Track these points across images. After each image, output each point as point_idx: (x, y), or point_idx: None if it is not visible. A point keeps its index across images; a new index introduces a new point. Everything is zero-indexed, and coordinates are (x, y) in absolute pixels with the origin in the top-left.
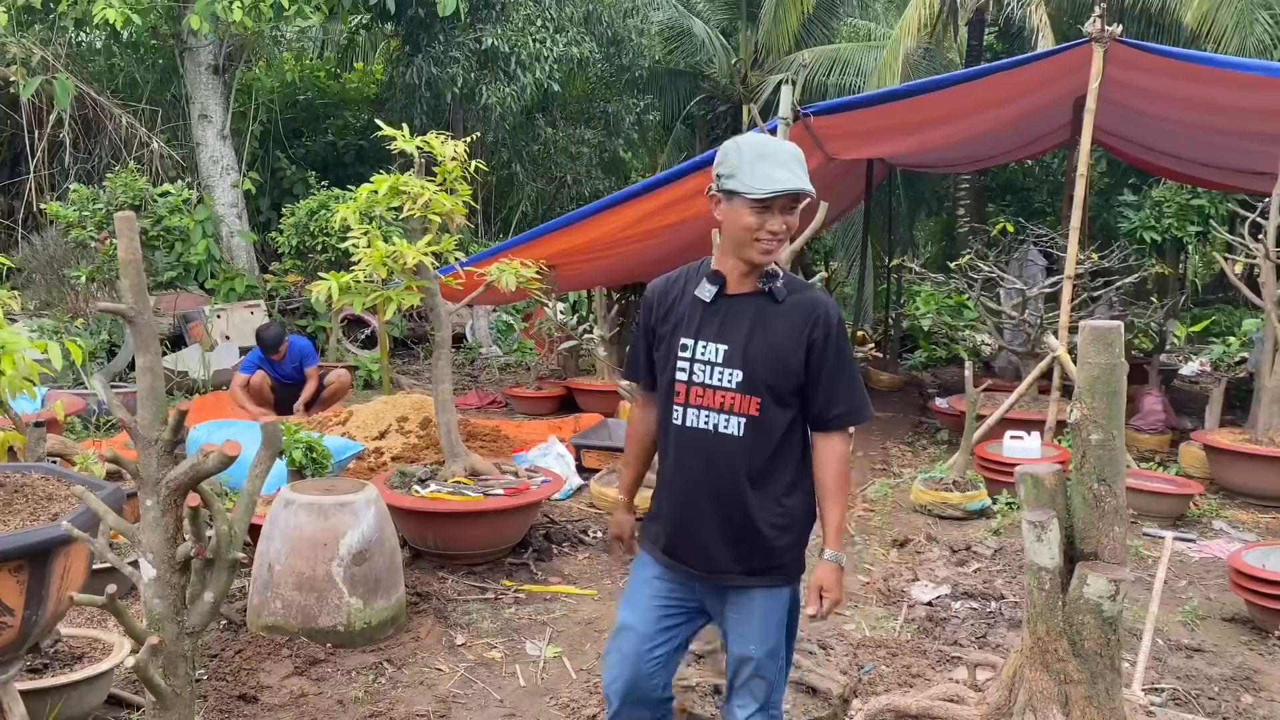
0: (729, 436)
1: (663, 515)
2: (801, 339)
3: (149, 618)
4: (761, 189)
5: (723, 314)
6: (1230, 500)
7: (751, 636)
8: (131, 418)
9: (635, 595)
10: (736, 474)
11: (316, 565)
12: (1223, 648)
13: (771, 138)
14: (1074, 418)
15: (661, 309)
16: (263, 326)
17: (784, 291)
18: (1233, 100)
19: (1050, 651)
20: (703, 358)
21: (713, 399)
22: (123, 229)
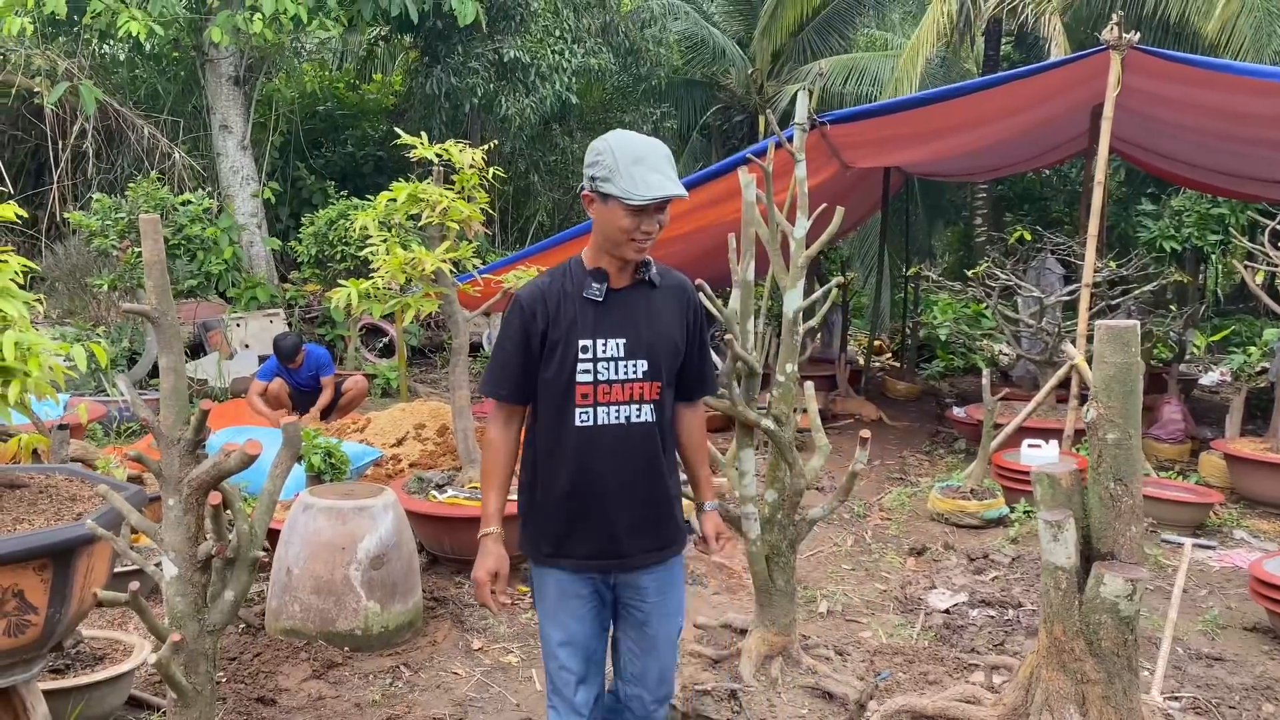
0: (641, 424)
1: (561, 523)
2: (682, 320)
3: (171, 616)
4: (639, 196)
5: (614, 309)
6: (1251, 510)
7: (677, 606)
8: (155, 418)
9: (564, 610)
10: (652, 457)
11: (334, 569)
12: (1243, 657)
13: (642, 138)
14: (1090, 417)
15: (547, 315)
16: (280, 335)
17: (658, 278)
18: (1252, 108)
19: (1067, 651)
20: (605, 354)
21: (622, 392)
22: (148, 231)
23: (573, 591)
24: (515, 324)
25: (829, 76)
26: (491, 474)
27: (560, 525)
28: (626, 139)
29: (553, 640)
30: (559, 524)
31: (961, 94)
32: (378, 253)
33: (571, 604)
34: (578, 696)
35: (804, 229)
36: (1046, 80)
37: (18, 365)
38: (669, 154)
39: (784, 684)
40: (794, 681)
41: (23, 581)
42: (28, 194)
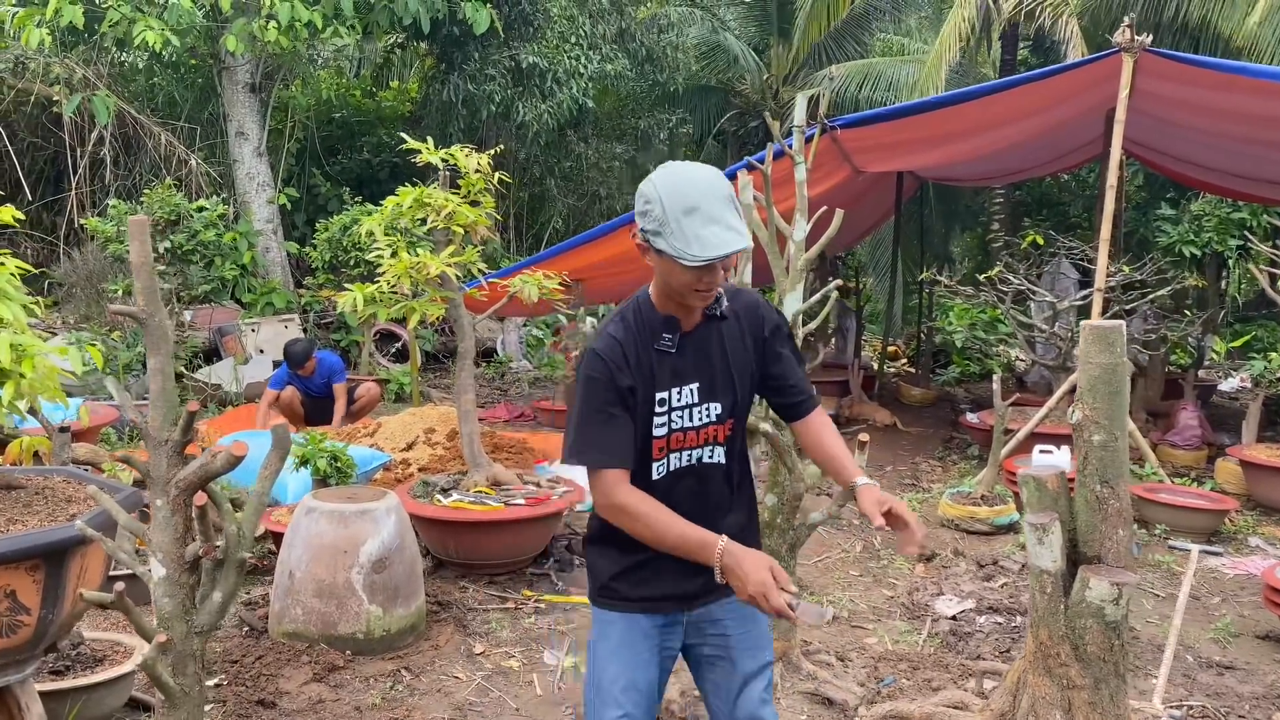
0: (713, 464)
1: (632, 569)
2: (757, 343)
3: (159, 616)
4: (693, 257)
5: (687, 354)
6: (1267, 517)
7: (763, 639)
8: (143, 418)
9: (628, 654)
10: (725, 493)
11: (337, 572)
12: (1255, 665)
13: (695, 175)
14: (1075, 419)
15: (632, 372)
16: (291, 342)
17: (729, 307)
18: (1268, 109)
19: (1053, 656)
20: (680, 404)
21: (696, 438)
22: (135, 233)
23: (640, 634)
24: (602, 381)
25: (844, 80)
26: (663, 519)
27: (631, 570)
28: (676, 183)
29: (615, 685)
30: (629, 569)
31: (973, 97)
32: (383, 257)
33: (638, 648)
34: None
35: (803, 232)
36: (1059, 83)
37: (13, 367)
38: (727, 190)
39: (783, 690)
40: (794, 687)
41: (15, 582)
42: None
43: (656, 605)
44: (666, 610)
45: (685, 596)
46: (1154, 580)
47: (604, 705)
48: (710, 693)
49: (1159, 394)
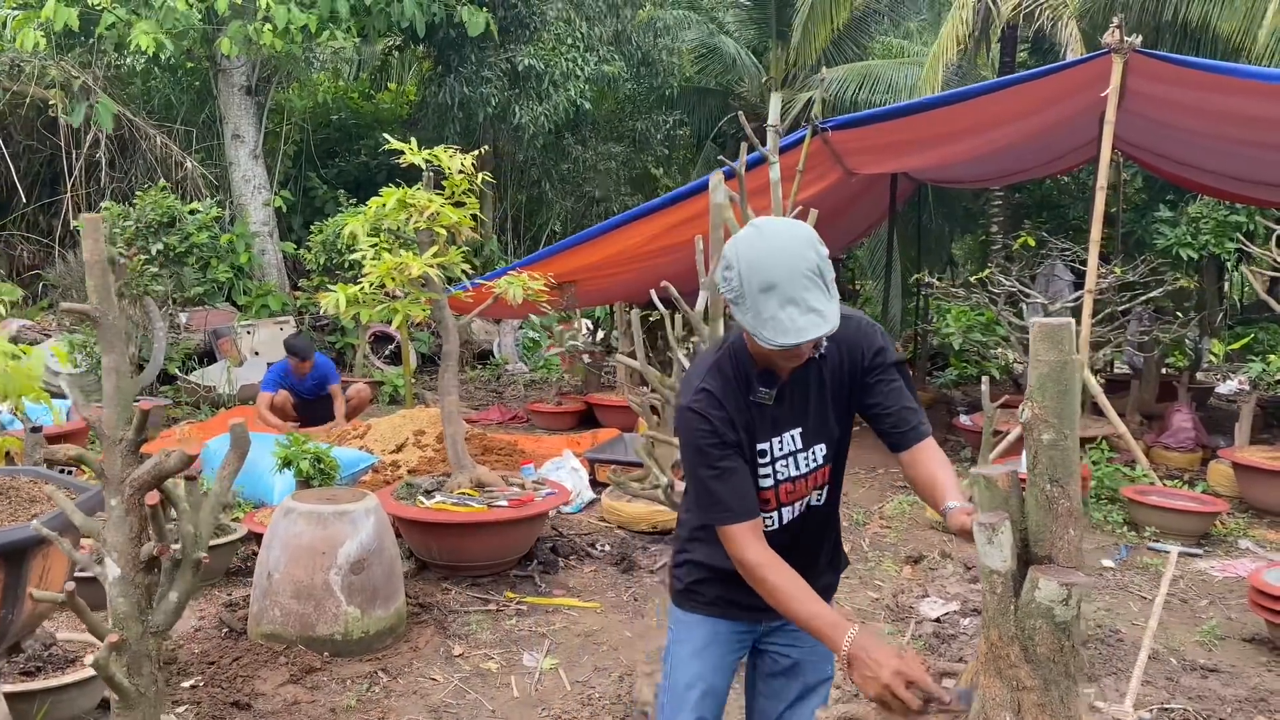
0: (818, 508)
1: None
2: (853, 371)
3: (113, 616)
4: (773, 341)
5: (786, 402)
6: (1259, 519)
7: (828, 654)
8: (97, 416)
9: (707, 659)
10: (824, 531)
11: (314, 574)
12: (1240, 669)
13: (777, 242)
14: (1025, 417)
15: (736, 425)
16: (293, 335)
17: (828, 343)
18: (1260, 110)
19: (1003, 658)
20: (782, 453)
21: (804, 487)
22: (88, 230)
23: (722, 640)
24: (709, 437)
25: (843, 83)
26: (793, 589)
27: (724, 582)
28: (758, 254)
29: (694, 691)
30: (724, 581)
31: (964, 99)
32: (366, 258)
33: (717, 652)
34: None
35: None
36: (1050, 84)
37: None
38: (814, 262)
39: None
40: None
41: None
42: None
43: (739, 612)
44: (747, 619)
45: (767, 608)
46: (1141, 583)
47: (678, 709)
48: (765, 695)
49: (1154, 396)
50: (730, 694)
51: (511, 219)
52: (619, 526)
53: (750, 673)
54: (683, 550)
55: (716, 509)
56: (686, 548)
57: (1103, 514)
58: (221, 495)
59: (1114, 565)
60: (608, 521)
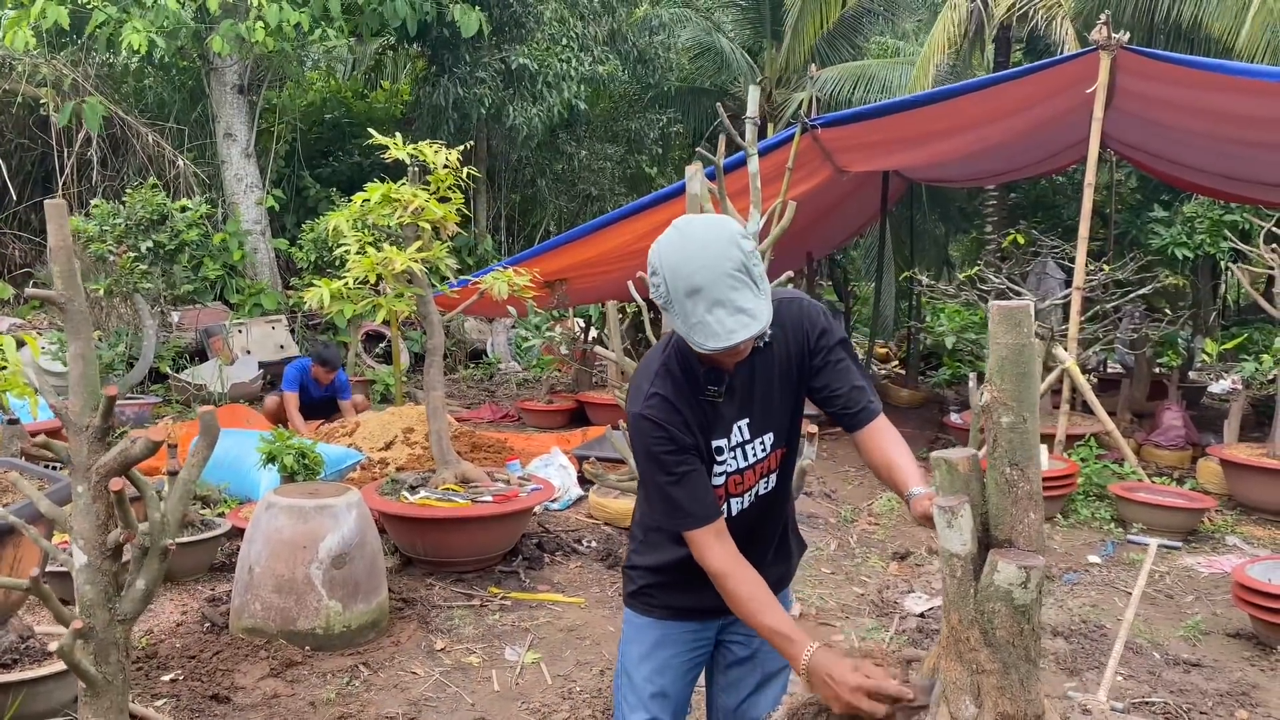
0: (767, 495)
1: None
2: (799, 354)
3: (80, 604)
4: (704, 346)
5: (733, 396)
6: (1246, 516)
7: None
8: (63, 404)
9: (659, 660)
10: (776, 519)
11: (296, 568)
12: (1223, 663)
13: (699, 242)
14: (984, 400)
15: (684, 423)
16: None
17: (773, 329)
18: (1250, 109)
19: (963, 641)
20: (735, 444)
21: (752, 476)
22: (52, 215)
23: (672, 641)
24: (665, 444)
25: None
26: (758, 596)
27: (674, 588)
28: (679, 257)
29: (644, 691)
30: (673, 586)
31: (953, 96)
32: (350, 252)
33: (667, 654)
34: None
35: (757, 223)
36: (1038, 81)
37: None
38: (739, 260)
39: None
40: None
41: None
42: (34, 201)
43: (690, 615)
44: (700, 619)
45: (720, 610)
46: (1127, 579)
47: (632, 710)
48: (722, 688)
49: (1145, 395)
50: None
51: (506, 218)
52: (605, 523)
53: (709, 667)
54: (634, 553)
55: (677, 516)
56: (638, 550)
57: (1091, 511)
58: (190, 482)
59: (1100, 561)
60: (595, 518)
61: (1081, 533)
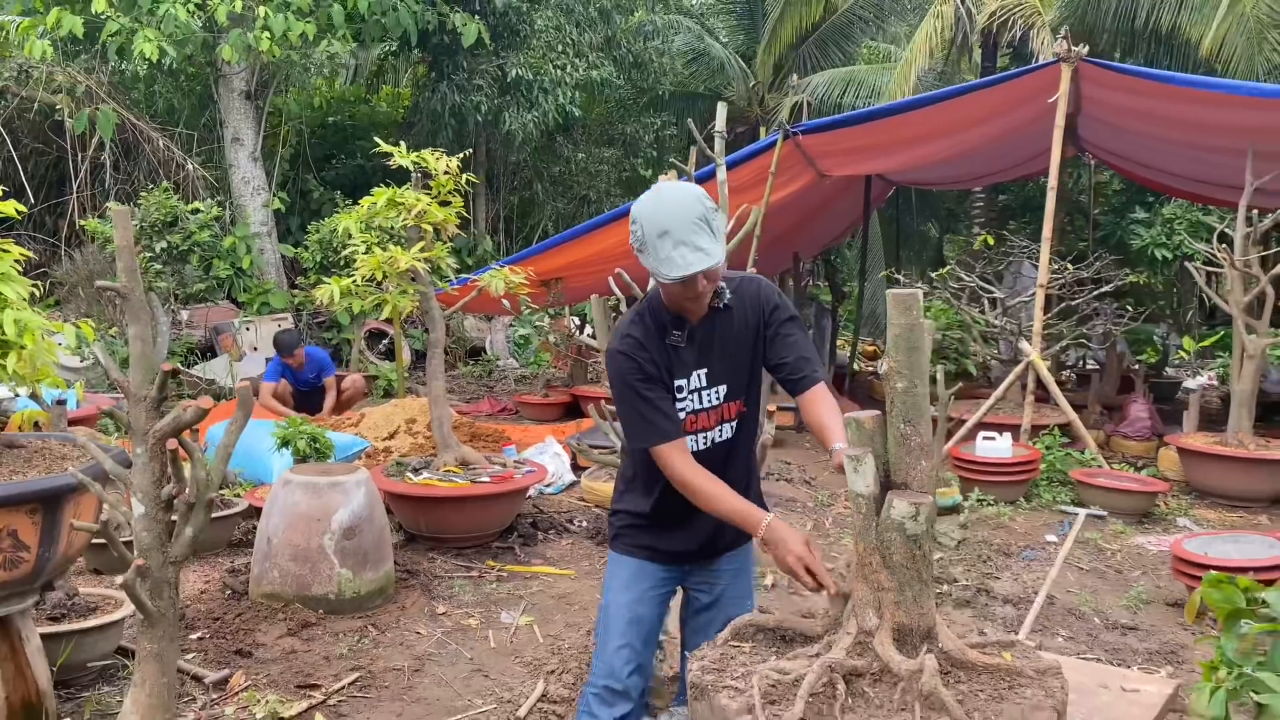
0: (724, 441)
1: (648, 529)
2: (758, 327)
3: (138, 548)
4: (668, 275)
5: (695, 344)
6: (1200, 500)
7: (749, 591)
8: (125, 377)
9: (634, 592)
10: (732, 466)
11: (310, 539)
12: (1158, 628)
13: (671, 198)
14: (883, 369)
15: (653, 360)
16: (281, 331)
17: (732, 297)
18: (1199, 116)
19: (867, 565)
20: (693, 388)
21: (708, 419)
22: (119, 220)
23: (646, 576)
24: (635, 373)
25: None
26: (716, 491)
27: (647, 530)
28: (654, 208)
29: (621, 618)
30: (647, 529)
31: (926, 104)
32: (358, 252)
33: (642, 586)
34: (632, 678)
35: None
36: (1006, 91)
37: (15, 340)
38: (700, 212)
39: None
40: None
41: (16, 523)
42: (49, 203)
43: (661, 557)
44: (668, 562)
45: (687, 554)
46: (1080, 555)
47: (609, 635)
48: (694, 631)
49: (1115, 389)
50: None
51: (505, 219)
52: (596, 505)
53: (683, 611)
54: (617, 501)
55: (646, 432)
56: (620, 499)
57: (1052, 495)
58: (229, 446)
59: (1056, 540)
60: (586, 501)
61: (1042, 515)
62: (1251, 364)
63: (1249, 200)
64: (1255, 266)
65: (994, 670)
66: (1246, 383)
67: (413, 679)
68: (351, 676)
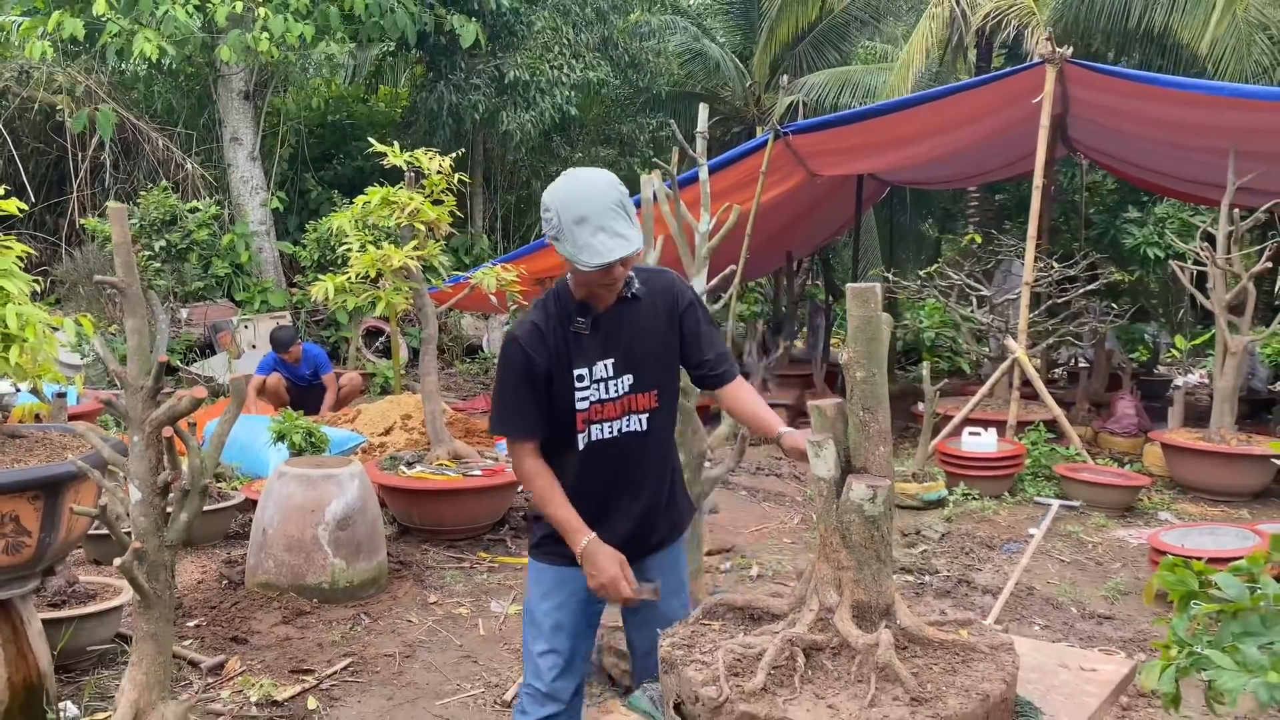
0: (635, 433)
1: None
2: (671, 320)
3: (136, 532)
4: (587, 263)
5: (601, 333)
6: (1183, 495)
7: (678, 588)
8: (122, 368)
9: (556, 599)
10: (648, 460)
11: (305, 529)
12: (1133, 618)
13: (587, 183)
14: (844, 359)
15: (547, 352)
16: (276, 329)
17: (641, 288)
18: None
19: (829, 545)
20: (597, 378)
21: (615, 409)
22: (116, 218)
23: (567, 581)
24: (517, 363)
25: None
26: (549, 494)
27: (567, 546)
28: (568, 193)
29: (544, 626)
30: (566, 545)
31: (914, 105)
32: (352, 250)
33: (564, 592)
34: (557, 683)
35: (707, 224)
36: (993, 91)
37: (17, 334)
38: (617, 198)
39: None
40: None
41: (18, 508)
42: (50, 202)
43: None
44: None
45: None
46: (1061, 548)
47: (534, 640)
48: (635, 628)
49: (1103, 386)
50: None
51: (501, 219)
52: None
53: (623, 612)
54: (536, 511)
55: (507, 422)
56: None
57: (1037, 489)
58: (223, 435)
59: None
60: None
61: (1026, 509)
62: (1234, 361)
63: (1231, 199)
64: (1237, 265)
65: (949, 645)
66: (1229, 379)
67: (403, 665)
68: (344, 662)
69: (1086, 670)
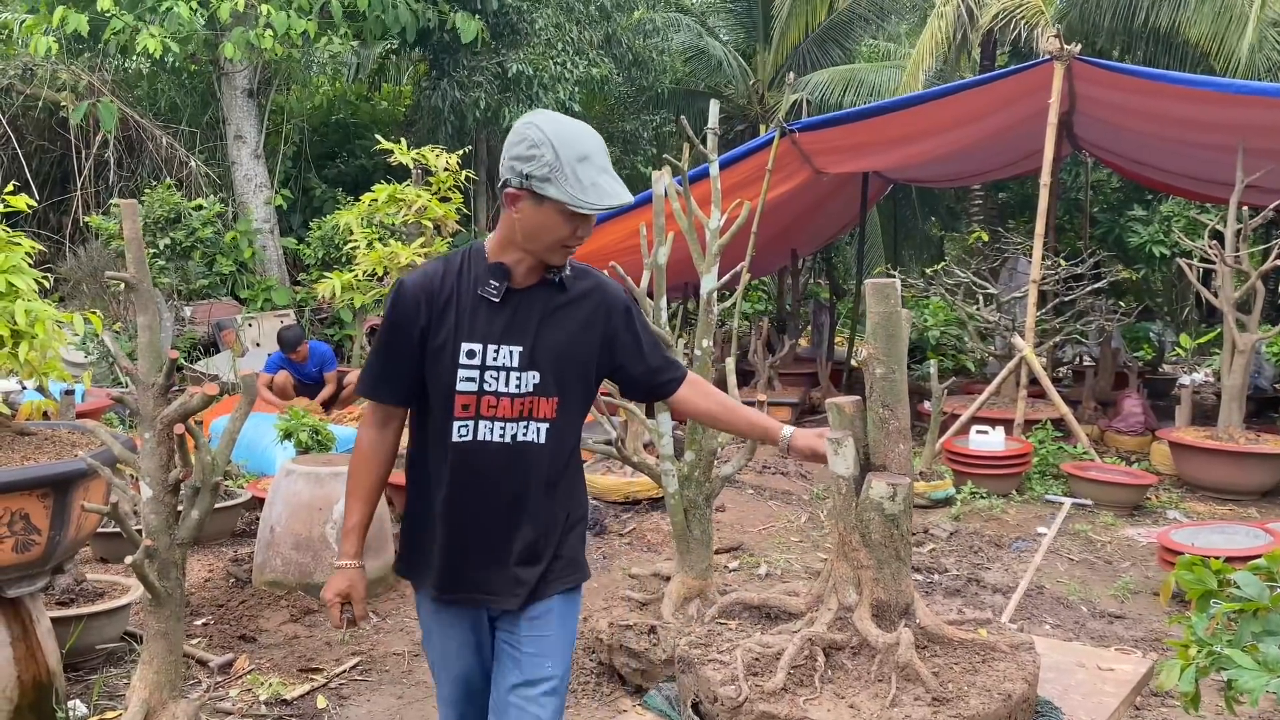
0: (530, 444)
1: (432, 551)
2: (599, 328)
3: (146, 530)
4: (589, 204)
5: (510, 311)
6: (1191, 493)
7: (552, 651)
8: (133, 365)
9: (439, 645)
10: (538, 482)
11: (312, 527)
12: (1144, 617)
13: (579, 126)
14: (863, 356)
15: (432, 311)
16: (284, 328)
17: (571, 280)
18: (1190, 114)
19: (848, 544)
20: (495, 363)
21: (510, 408)
22: (127, 213)
23: (450, 623)
24: (394, 315)
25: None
26: (355, 482)
27: (431, 553)
28: (567, 130)
29: (438, 678)
30: (431, 551)
31: (920, 102)
32: (359, 248)
33: (447, 637)
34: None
35: (718, 220)
36: (1000, 89)
37: (26, 329)
38: (604, 143)
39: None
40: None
41: (28, 506)
42: (54, 200)
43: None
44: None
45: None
46: (1071, 547)
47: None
48: (496, 678)
49: (1110, 384)
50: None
51: None
52: (594, 497)
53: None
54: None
55: (368, 379)
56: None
57: (1045, 487)
58: (234, 432)
59: (1046, 532)
60: None
61: (1034, 507)
62: (1241, 359)
63: (1240, 197)
64: (1246, 263)
65: (969, 645)
66: (1237, 377)
67: (412, 663)
68: (353, 661)
69: (1104, 669)
